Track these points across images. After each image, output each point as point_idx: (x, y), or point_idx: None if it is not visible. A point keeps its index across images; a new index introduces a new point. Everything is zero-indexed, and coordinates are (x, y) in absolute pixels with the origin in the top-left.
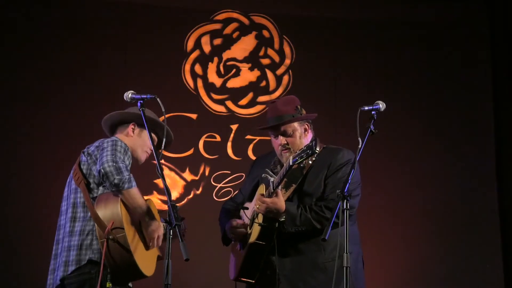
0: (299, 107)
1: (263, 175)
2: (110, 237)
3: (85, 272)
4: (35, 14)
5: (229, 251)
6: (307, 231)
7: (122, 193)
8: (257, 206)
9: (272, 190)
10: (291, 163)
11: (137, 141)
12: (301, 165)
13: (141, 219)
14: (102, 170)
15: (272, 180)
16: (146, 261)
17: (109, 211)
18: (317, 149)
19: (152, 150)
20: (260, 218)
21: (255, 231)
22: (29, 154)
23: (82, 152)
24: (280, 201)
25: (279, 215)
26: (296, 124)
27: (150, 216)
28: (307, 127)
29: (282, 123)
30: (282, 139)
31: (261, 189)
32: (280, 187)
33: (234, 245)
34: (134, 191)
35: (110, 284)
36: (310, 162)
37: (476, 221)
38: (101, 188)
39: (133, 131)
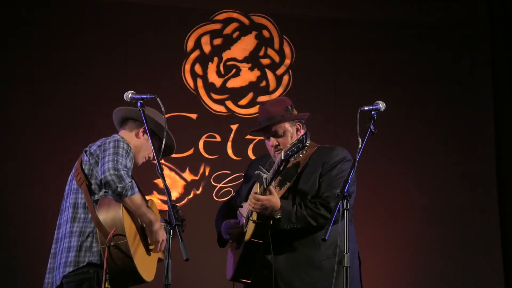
0: (289, 107)
1: (256, 172)
2: (112, 243)
3: (83, 271)
4: (35, 15)
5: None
6: (302, 229)
7: (124, 200)
8: (252, 205)
9: (265, 187)
10: (282, 158)
11: (144, 145)
12: (295, 163)
13: (145, 223)
14: (103, 179)
15: (265, 176)
16: (146, 266)
17: (111, 215)
18: (308, 142)
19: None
20: (254, 216)
21: (250, 229)
22: (30, 152)
23: (84, 151)
24: (275, 198)
25: (274, 213)
26: (287, 125)
27: (154, 220)
28: (299, 127)
29: (271, 123)
30: (273, 140)
31: (256, 188)
32: (274, 184)
33: (231, 245)
34: (136, 198)
35: (109, 286)
36: (301, 155)
37: (476, 221)
38: (103, 190)
39: (143, 134)
